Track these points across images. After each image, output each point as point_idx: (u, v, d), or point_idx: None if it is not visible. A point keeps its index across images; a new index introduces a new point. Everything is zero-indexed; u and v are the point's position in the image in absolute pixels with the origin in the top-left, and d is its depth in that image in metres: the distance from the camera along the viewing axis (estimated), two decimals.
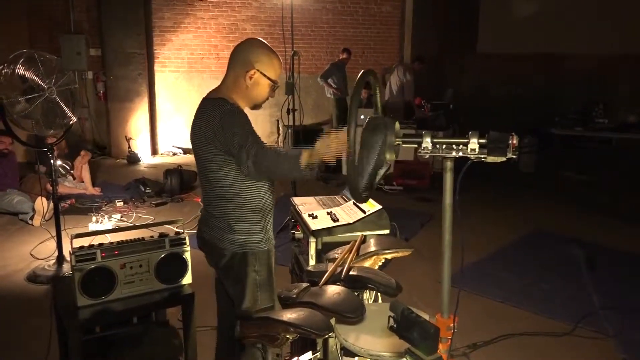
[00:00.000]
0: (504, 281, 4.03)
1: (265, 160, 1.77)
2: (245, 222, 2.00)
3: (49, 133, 4.07)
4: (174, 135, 8.96)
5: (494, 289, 3.86)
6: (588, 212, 5.88)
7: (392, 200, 6.11)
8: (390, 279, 1.90)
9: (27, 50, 3.88)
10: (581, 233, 5.12)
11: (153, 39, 8.76)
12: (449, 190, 1.45)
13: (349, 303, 1.69)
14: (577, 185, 7.16)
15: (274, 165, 1.77)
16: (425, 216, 5.50)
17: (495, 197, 6.58)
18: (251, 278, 2.01)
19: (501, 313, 3.54)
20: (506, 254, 4.63)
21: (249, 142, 1.81)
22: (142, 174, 7.21)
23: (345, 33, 9.53)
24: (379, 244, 2.12)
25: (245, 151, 1.79)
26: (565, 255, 4.58)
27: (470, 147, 1.38)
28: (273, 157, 1.78)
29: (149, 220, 5.29)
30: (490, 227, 5.33)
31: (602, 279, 4.05)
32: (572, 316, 3.44)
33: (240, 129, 1.83)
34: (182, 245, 2.45)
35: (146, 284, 2.38)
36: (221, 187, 1.96)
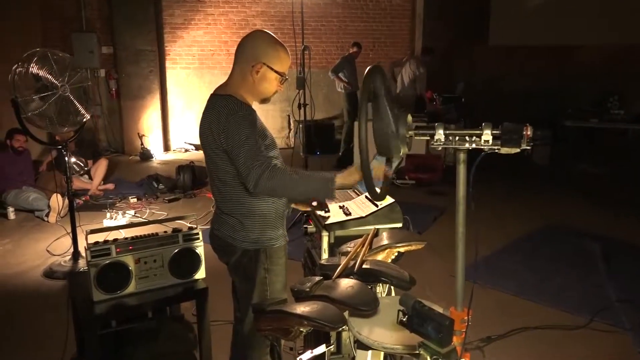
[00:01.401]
0: (518, 274, 4.00)
1: (283, 179, 1.74)
2: (257, 219, 1.99)
3: (63, 130, 4.11)
4: (186, 132, 9.00)
5: (508, 283, 3.84)
6: (603, 205, 5.81)
7: (405, 194, 6.09)
8: (403, 272, 1.89)
9: (41, 49, 3.92)
10: (596, 226, 5.07)
11: (164, 36, 8.79)
12: (462, 182, 1.44)
13: (363, 296, 1.69)
14: (592, 178, 7.08)
15: (286, 188, 1.75)
16: (438, 210, 5.47)
17: (509, 190, 6.53)
18: (260, 276, 2.01)
19: (515, 306, 3.52)
20: (520, 247, 4.59)
21: (259, 160, 1.75)
22: (155, 170, 7.26)
23: (356, 27, 9.48)
24: (392, 238, 2.12)
25: (256, 170, 1.74)
26: (579, 249, 4.53)
27: (483, 139, 1.37)
28: (286, 179, 1.74)
29: (162, 216, 5.34)
30: (504, 220, 5.29)
31: (617, 272, 4.01)
32: (587, 309, 3.41)
33: (246, 139, 1.78)
34: (195, 240, 2.46)
35: (160, 279, 2.39)
36: (231, 186, 1.96)
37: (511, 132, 1.32)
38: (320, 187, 1.73)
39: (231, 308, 2.29)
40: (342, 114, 8.75)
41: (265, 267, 2.01)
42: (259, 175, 1.72)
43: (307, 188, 1.72)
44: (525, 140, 1.32)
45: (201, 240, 2.49)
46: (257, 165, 1.73)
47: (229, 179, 1.94)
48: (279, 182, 1.72)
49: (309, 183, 1.72)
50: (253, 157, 1.74)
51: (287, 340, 1.74)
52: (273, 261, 2.03)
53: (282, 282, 2.08)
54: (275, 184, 1.72)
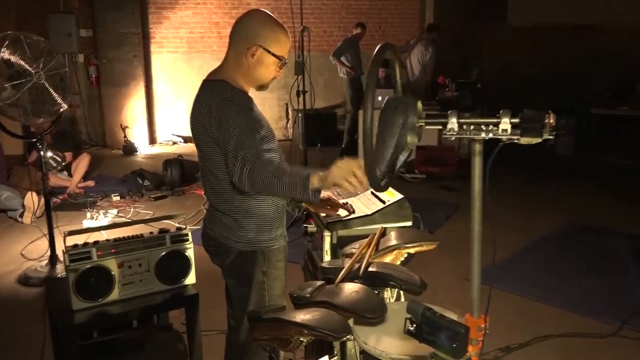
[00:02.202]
0: (540, 278, 4.00)
1: (262, 176, 1.68)
2: (253, 218, 1.99)
3: (39, 122, 4.11)
4: (174, 123, 9.00)
5: (529, 287, 3.84)
6: (633, 201, 5.80)
7: (415, 190, 6.09)
8: (413, 276, 1.89)
9: (12, 32, 3.91)
10: (625, 224, 5.06)
11: (149, 17, 8.78)
12: (478, 176, 1.43)
13: (369, 302, 1.69)
14: (620, 171, 7.07)
15: (271, 184, 1.67)
16: (451, 207, 5.47)
17: (529, 184, 6.52)
18: (257, 280, 2.01)
19: (537, 313, 3.52)
20: (542, 248, 4.59)
21: (245, 151, 1.72)
22: (140, 165, 7.27)
23: (360, 6, 9.46)
24: (401, 237, 2.12)
25: (240, 162, 1.71)
26: (607, 249, 4.53)
27: (501, 128, 1.35)
28: (271, 174, 1.68)
29: (148, 215, 5.34)
30: (524, 217, 5.28)
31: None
32: (616, 316, 3.41)
33: (238, 128, 1.77)
34: (184, 242, 2.46)
35: (146, 285, 2.39)
36: (225, 181, 1.95)
37: (532, 120, 1.30)
38: (296, 186, 1.66)
39: (224, 316, 2.29)
40: (345, 102, 8.75)
41: (263, 271, 2.01)
42: (240, 168, 1.71)
43: (285, 187, 1.66)
44: (548, 129, 1.31)
45: (191, 242, 2.48)
46: (241, 156, 1.71)
47: (223, 174, 1.94)
48: (259, 178, 1.68)
49: (287, 181, 1.66)
50: (240, 147, 1.73)
51: (286, 351, 1.74)
52: (271, 264, 2.03)
53: (280, 287, 2.08)
54: (255, 179, 1.68)
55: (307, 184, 1.64)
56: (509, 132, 1.35)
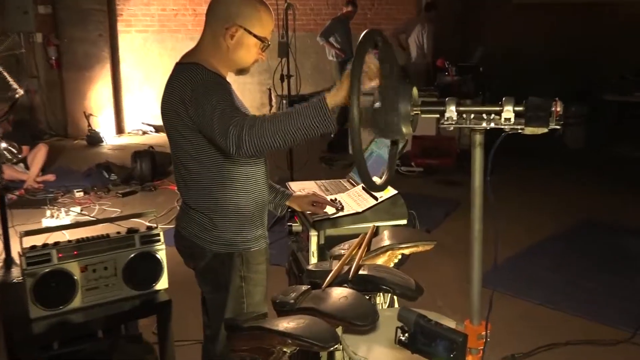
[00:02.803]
0: (546, 280, 4.04)
1: (267, 126, 1.64)
2: (231, 215, 1.99)
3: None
4: (144, 110, 8.94)
5: (534, 290, 3.88)
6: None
7: (411, 184, 6.12)
8: (408, 279, 1.90)
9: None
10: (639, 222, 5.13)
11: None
12: (478, 169, 1.44)
13: (359, 308, 1.70)
14: (635, 165, 7.14)
15: (282, 127, 1.63)
16: (451, 203, 5.50)
17: (535, 178, 6.57)
18: (235, 285, 2.01)
19: (543, 318, 3.56)
20: (548, 248, 4.63)
21: (235, 118, 1.70)
22: (106, 157, 7.22)
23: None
24: (395, 237, 2.13)
25: (233, 129, 1.67)
26: (620, 249, 4.58)
27: (504, 117, 1.37)
28: (275, 118, 1.65)
29: (115, 213, 5.31)
30: (529, 215, 5.33)
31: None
32: (629, 321, 3.45)
33: (221, 103, 1.76)
34: (155, 243, 2.45)
35: (113, 290, 2.39)
36: (200, 174, 1.95)
37: (537, 108, 1.32)
38: (313, 113, 1.64)
39: (200, 325, 2.29)
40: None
41: (241, 275, 2.01)
42: (238, 132, 1.67)
43: (300, 121, 1.63)
44: (555, 118, 1.32)
45: (163, 243, 2.48)
46: (234, 124, 1.69)
47: (197, 167, 1.94)
48: (264, 129, 1.65)
49: (298, 116, 1.64)
50: (228, 118, 1.71)
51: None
52: (251, 267, 2.03)
53: (261, 293, 2.08)
54: (261, 131, 1.65)
55: (323, 105, 1.64)
56: (513, 121, 1.37)
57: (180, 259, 2.15)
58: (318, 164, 7.09)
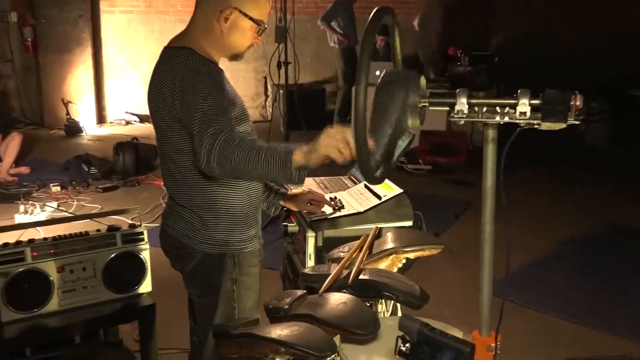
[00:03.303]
0: (563, 290, 4.05)
1: (235, 156, 1.66)
2: (222, 213, 2.00)
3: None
4: (128, 98, 8.94)
5: (550, 300, 3.89)
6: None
7: (418, 183, 6.13)
8: (413, 286, 1.92)
9: None
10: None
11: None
12: (490, 167, 1.45)
13: (359, 316, 1.71)
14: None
15: (245, 164, 1.66)
16: (461, 205, 5.51)
17: (553, 179, 6.58)
18: (226, 289, 2.02)
19: (559, 331, 3.57)
20: (567, 255, 4.64)
21: (214, 127, 1.71)
22: (86, 149, 7.22)
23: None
24: (399, 240, 2.14)
25: (207, 140, 1.69)
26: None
27: (519, 110, 1.38)
28: (246, 152, 1.66)
29: (95, 209, 5.31)
30: (546, 218, 5.34)
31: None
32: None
33: (206, 102, 1.77)
34: (138, 242, 2.46)
35: (92, 293, 2.40)
36: (188, 168, 1.96)
37: (555, 101, 1.33)
38: (278, 164, 1.64)
39: (186, 331, 2.30)
40: (336, 76, 8.75)
41: (233, 278, 2.02)
42: (210, 145, 1.68)
43: (265, 164, 1.65)
44: (574, 113, 1.34)
45: (147, 242, 2.49)
46: (209, 134, 1.70)
47: (185, 159, 1.95)
48: (234, 152, 1.66)
49: (265, 158, 1.65)
50: (208, 124, 1.72)
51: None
52: (243, 270, 2.04)
53: (253, 298, 2.09)
54: (231, 154, 1.66)
55: (287, 160, 1.64)
56: (529, 115, 1.38)
57: (166, 260, 2.16)
58: None
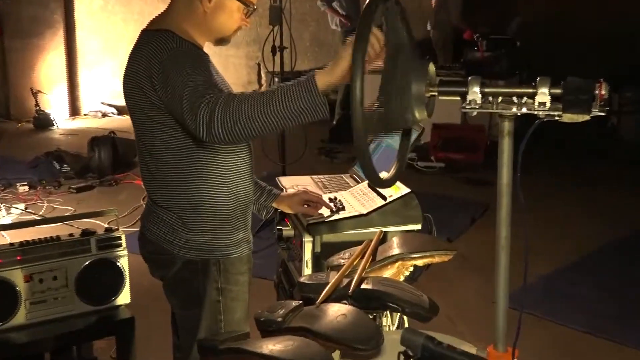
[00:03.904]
0: (588, 301, 4.05)
1: (244, 107, 1.65)
2: (206, 214, 2.01)
3: None
4: (104, 88, 8.96)
5: (574, 313, 3.89)
6: None
7: (428, 183, 6.14)
8: (421, 296, 1.92)
9: None
10: None
11: None
12: (506, 163, 1.46)
13: (360, 329, 1.71)
14: None
15: (261, 110, 1.64)
16: (477, 207, 5.52)
17: (578, 177, 6.57)
18: (210, 299, 2.04)
19: (583, 346, 3.57)
20: (594, 264, 4.64)
21: (207, 96, 1.70)
22: (57, 144, 7.23)
23: None
24: (406, 245, 2.14)
25: (205, 106, 1.68)
26: None
27: (538, 100, 1.38)
28: (257, 98, 1.65)
29: (68, 212, 5.33)
30: (569, 221, 5.35)
31: None
32: None
33: (190, 77, 1.77)
34: (115, 248, 2.47)
35: (63, 305, 2.41)
36: (169, 163, 1.97)
37: (577, 90, 1.33)
38: (300, 95, 1.64)
39: (168, 347, 2.31)
40: None
41: (218, 287, 2.04)
42: (211, 111, 1.67)
43: (283, 104, 1.64)
44: (598, 103, 1.34)
45: (125, 248, 2.49)
46: (206, 101, 1.69)
47: (166, 155, 1.96)
48: (241, 110, 1.65)
49: (282, 97, 1.65)
50: (200, 95, 1.72)
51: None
52: (229, 277, 2.05)
53: (242, 309, 2.11)
54: (238, 112, 1.65)
55: (310, 83, 1.62)
56: (548, 106, 1.38)
57: (146, 268, 2.17)
58: (317, 155, 7.11)
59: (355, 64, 1.39)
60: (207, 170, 1.99)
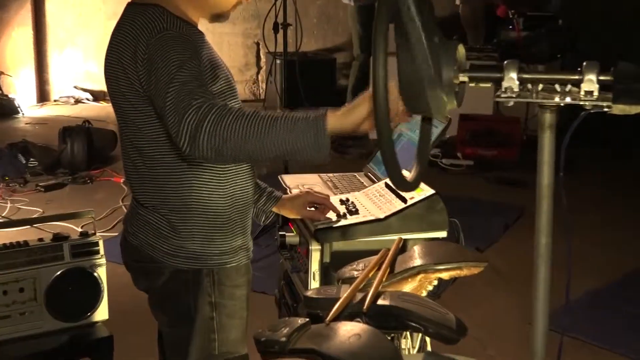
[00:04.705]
0: (639, 323, 4.05)
1: (237, 127, 1.67)
2: (199, 218, 2.02)
3: None
4: (77, 70, 8.97)
5: (621, 336, 3.88)
6: None
7: (455, 183, 6.14)
8: (446, 314, 1.93)
9: None
10: None
11: None
12: (547, 161, 1.47)
13: (376, 351, 1.72)
14: None
15: (256, 136, 1.67)
16: (512, 211, 5.53)
17: (628, 178, 6.55)
18: (203, 315, 2.04)
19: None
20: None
21: (197, 99, 1.71)
22: (23, 134, 7.25)
23: None
24: (429, 255, 2.15)
25: (192, 114, 1.68)
26: None
27: (584, 89, 1.39)
28: (255, 121, 1.68)
29: (36, 213, 5.35)
30: (620, 230, 5.33)
31: None
32: None
33: (179, 70, 1.78)
34: (92, 256, 2.48)
35: (31, 321, 2.42)
36: (156, 158, 1.98)
37: (630, 78, 1.33)
38: (303, 132, 1.67)
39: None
40: (350, 42, 8.76)
41: (212, 301, 2.05)
42: (198, 121, 1.68)
43: (284, 135, 1.68)
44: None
45: (103, 256, 2.50)
46: (195, 107, 1.71)
47: (153, 148, 1.97)
48: (235, 128, 1.67)
49: (285, 127, 1.68)
50: (188, 95, 1.74)
51: None
52: (224, 291, 2.07)
53: (239, 328, 2.12)
54: (230, 130, 1.67)
55: (319, 123, 1.66)
56: (596, 95, 1.39)
57: (127, 280, 2.19)
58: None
59: (376, 40, 1.39)
60: (201, 167, 1.99)
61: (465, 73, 1.48)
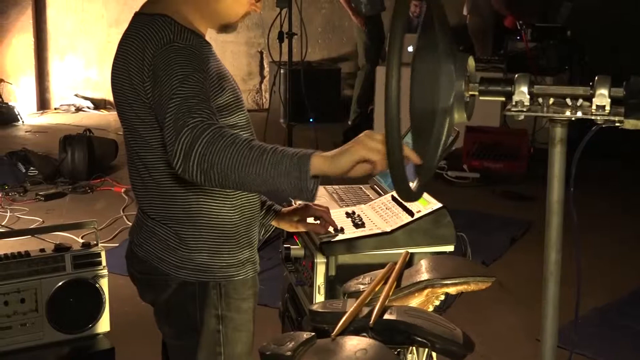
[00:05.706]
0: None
1: (226, 155, 1.66)
2: (206, 230, 2.02)
3: None
4: (79, 78, 8.96)
5: (634, 356, 3.87)
6: None
7: (462, 197, 6.13)
8: (454, 330, 1.93)
9: None
10: None
11: None
12: (557, 176, 1.47)
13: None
14: None
15: (241, 167, 1.65)
16: (519, 225, 5.52)
17: None
18: (209, 328, 2.04)
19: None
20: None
21: (196, 119, 1.71)
22: (23, 143, 7.24)
23: None
24: (436, 270, 2.15)
25: (187, 134, 1.68)
26: None
27: (596, 103, 1.40)
28: (243, 151, 1.66)
29: (36, 223, 5.35)
30: (630, 245, 5.33)
31: None
32: None
33: (182, 84, 1.78)
34: (94, 267, 2.48)
35: (32, 332, 2.42)
36: (162, 170, 1.98)
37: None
38: (286, 172, 1.65)
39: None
40: (356, 52, 8.77)
41: (218, 314, 2.05)
42: (193, 139, 1.68)
43: (268, 170, 1.65)
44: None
45: (105, 267, 2.51)
46: (191, 125, 1.71)
47: (159, 160, 1.97)
48: (225, 153, 1.66)
49: (271, 161, 1.66)
50: (187, 112, 1.74)
51: None
52: (231, 304, 2.07)
53: (245, 341, 2.12)
54: (220, 154, 1.66)
55: (304, 164, 1.64)
56: (608, 110, 1.40)
57: (129, 291, 2.19)
58: None
59: (391, 50, 1.39)
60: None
61: (475, 85, 1.49)
